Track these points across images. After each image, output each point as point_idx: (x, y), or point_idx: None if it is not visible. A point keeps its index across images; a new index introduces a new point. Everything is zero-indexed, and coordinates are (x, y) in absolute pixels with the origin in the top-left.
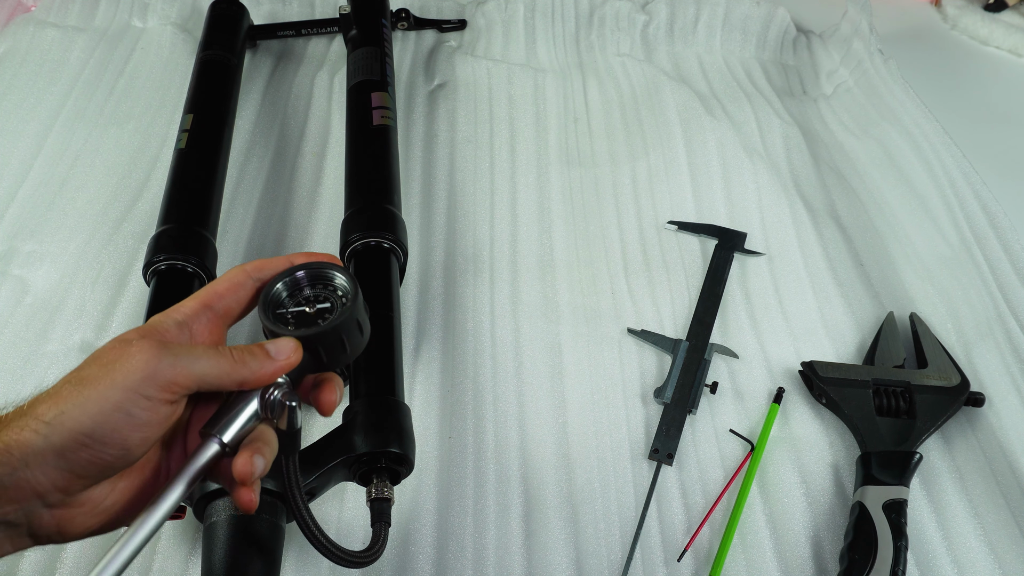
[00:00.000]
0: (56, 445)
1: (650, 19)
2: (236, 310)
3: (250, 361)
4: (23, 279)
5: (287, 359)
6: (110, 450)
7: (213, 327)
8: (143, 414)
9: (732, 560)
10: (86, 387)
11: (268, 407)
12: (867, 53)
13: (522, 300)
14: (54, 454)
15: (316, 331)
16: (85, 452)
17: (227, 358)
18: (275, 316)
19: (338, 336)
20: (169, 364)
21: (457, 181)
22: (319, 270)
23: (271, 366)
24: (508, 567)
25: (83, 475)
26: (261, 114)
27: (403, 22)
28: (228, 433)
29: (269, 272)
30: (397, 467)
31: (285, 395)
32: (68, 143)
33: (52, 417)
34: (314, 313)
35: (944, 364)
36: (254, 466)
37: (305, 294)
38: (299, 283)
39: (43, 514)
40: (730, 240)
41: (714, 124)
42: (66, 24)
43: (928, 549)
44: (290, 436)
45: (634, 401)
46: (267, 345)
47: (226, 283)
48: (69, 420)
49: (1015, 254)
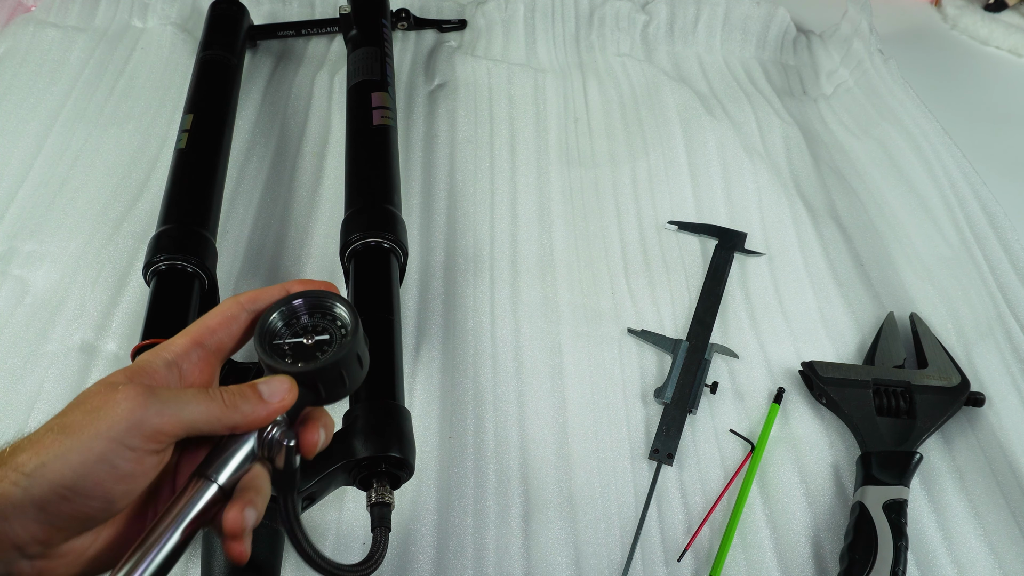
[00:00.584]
0: (36, 498)
1: (650, 19)
2: (229, 345)
3: (242, 405)
4: (23, 279)
5: (280, 402)
6: (92, 503)
7: (204, 365)
8: (127, 466)
9: (732, 560)
10: (69, 436)
11: (265, 446)
12: (867, 53)
13: (522, 300)
14: (34, 507)
15: (314, 367)
16: (66, 505)
17: (218, 402)
18: (271, 348)
19: (338, 371)
20: (156, 412)
21: (457, 181)
22: (317, 299)
23: (264, 410)
24: (508, 567)
25: (64, 528)
26: (261, 114)
27: (403, 22)
28: (224, 475)
29: (264, 303)
30: (397, 472)
31: (283, 434)
32: (68, 143)
33: (32, 468)
34: (312, 345)
35: (944, 364)
36: (245, 520)
37: (303, 324)
38: (296, 312)
39: (23, 566)
40: (730, 240)
41: (714, 124)
42: (66, 24)
43: (928, 549)
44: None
45: (634, 401)
46: (260, 386)
47: (219, 317)
48: (50, 472)
49: (1015, 254)
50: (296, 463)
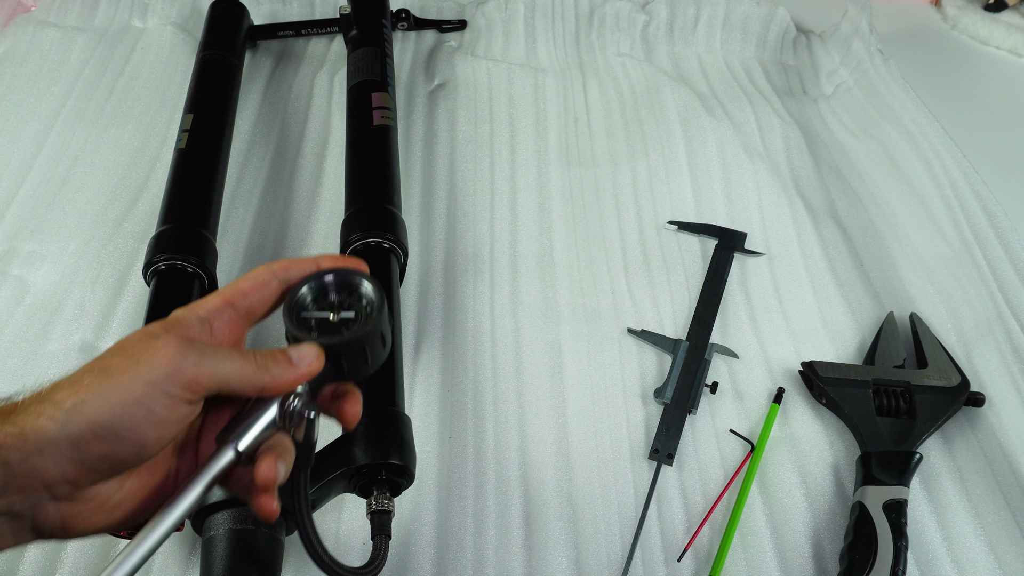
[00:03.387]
0: (72, 435)
1: (650, 19)
2: (259, 310)
3: (272, 367)
4: (23, 279)
5: (309, 367)
6: (125, 445)
7: (234, 326)
8: (162, 411)
9: (732, 560)
10: (109, 377)
11: (287, 416)
12: (867, 53)
13: (522, 300)
14: (69, 444)
15: (339, 340)
16: (100, 445)
17: (251, 362)
18: (298, 320)
19: (361, 347)
20: (193, 362)
21: (457, 181)
22: (347, 276)
23: (293, 373)
24: (508, 567)
25: (94, 469)
26: (261, 114)
27: (403, 22)
28: (244, 440)
29: (295, 273)
30: (398, 479)
31: (305, 405)
32: (68, 143)
33: (71, 405)
34: (337, 321)
35: (944, 364)
36: (277, 471)
37: (330, 300)
38: (325, 288)
39: (49, 507)
40: (730, 240)
41: (714, 124)
42: (66, 24)
43: (928, 549)
44: (305, 448)
45: (634, 401)
46: (290, 351)
47: (251, 281)
48: (88, 410)
49: (1015, 254)
50: (315, 438)
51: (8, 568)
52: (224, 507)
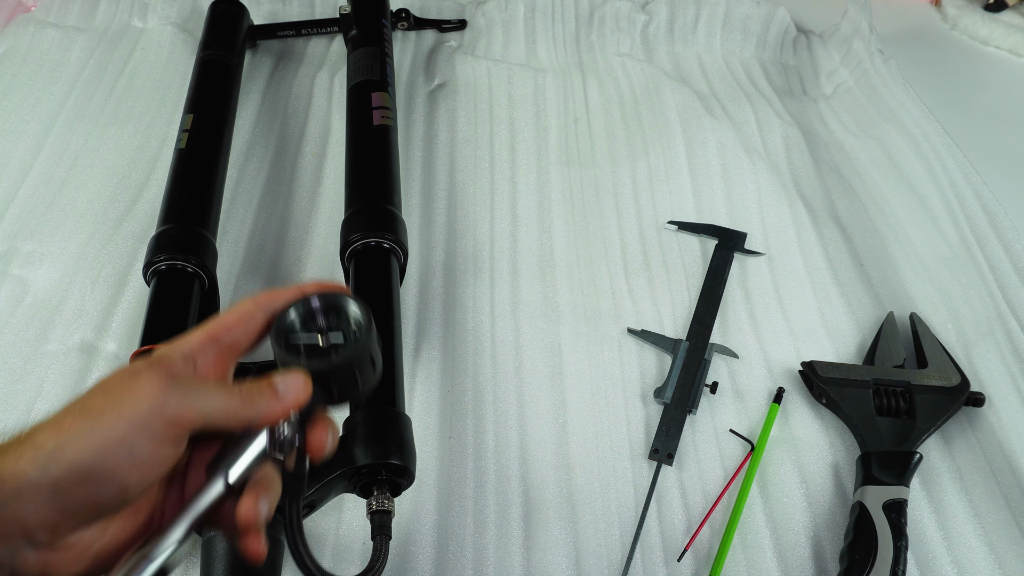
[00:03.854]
0: (53, 479)
1: (650, 19)
2: (244, 343)
3: (258, 400)
4: (23, 279)
5: (295, 398)
6: (107, 488)
7: (219, 361)
8: (145, 453)
9: (732, 560)
10: (90, 418)
11: (277, 445)
12: (867, 53)
13: (522, 300)
14: (49, 488)
15: (328, 365)
16: (81, 489)
17: (236, 396)
18: (287, 345)
19: (351, 371)
20: (177, 400)
21: (457, 181)
22: (334, 299)
23: (279, 406)
24: (508, 567)
25: (75, 514)
26: (261, 114)
27: (403, 22)
28: (234, 472)
29: (280, 303)
30: (398, 479)
31: (294, 432)
32: (68, 143)
33: (52, 448)
34: (326, 345)
35: (944, 364)
36: (259, 510)
37: (318, 324)
38: (312, 312)
39: (28, 556)
40: (730, 240)
41: (714, 124)
42: (66, 24)
43: (928, 549)
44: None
45: (634, 401)
46: (276, 382)
47: (235, 315)
48: (69, 452)
49: (1015, 254)
50: (306, 466)
51: None
52: None
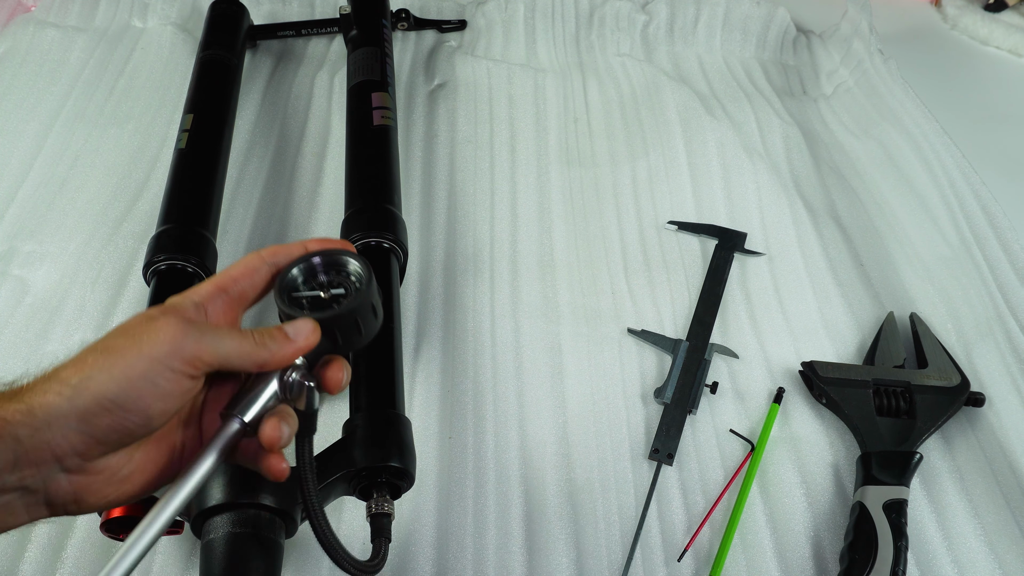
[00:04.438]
0: (80, 408)
1: (650, 19)
2: (251, 294)
3: (270, 343)
4: (23, 279)
5: (306, 340)
6: (132, 417)
7: (228, 310)
8: (167, 385)
9: (732, 560)
10: (112, 355)
11: (287, 388)
12: (867, 53)
13: (522, 300)
14: (77, 417)
15: (332, 313)
16: (108, 417)
17: (248, 339)
18: (290, 300)
19: (353, 319)
20: (194, 340)
21: (457, 181)
22: (334, 256)
23: (290, 347)
24: (508, 567)
25: (103, 440)
26: (261, 114)
27: (403, 22)
28: (249, 413)
29: (284, 258)
30: (398, 482)
31: (304, 376)
32: (68, 143)
33: (77, 381)
34: (328, 298)
35: (944, 364)
36: (281, 431)
37: (320, 279)
38: (314, 269)
39: (61, 480)
40: (730, 240)
41: (714, 124)
42: (66, 24)
43: (928, 549)
44: (307, 417)
45: (634, 401)
46: (286, 327)
47: (241, 268)
48: (94, 384)
49: (1015, 254)
50: (316, 405)
51: (8, 567)
52: (223, 510)
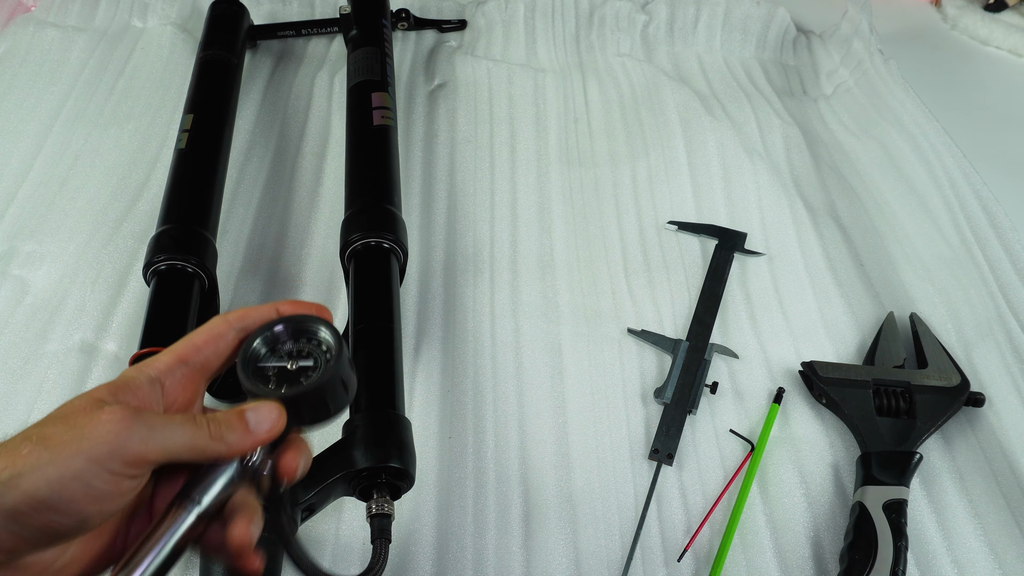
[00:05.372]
0: (8, 507)
1: (650, 19)
2: (215, 363)
3: (227, 435)
4: (23, 279)
5: (268, 432)
6: (65, 519)
7: (188, 383)
8: (104, 487)
9: (732, 560)
10: (47, 449)
11: (248, 472)
12: (867, 53)
13: (522, 300)
14: (5, 515)
15: (297, 392)
16: (37, 518)
17: (203, 431)
18: (254, 372)
19: (321, 396)
20: (140, 438)
21: (457, 181)
22: (301, 324)
23: (250, 440)
24: (508, 567)
25: (32, 539)
26: (261, 114)
27: (403, 22)
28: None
29: (253, 321)
30: (398, 482)
31: (264, 460)
32: (68, 143)
33: (7, 478)
34: (295, 370)
35: (944, 364)
36: (252, 534)
37: (287, 349)
38: (279, 338)
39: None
40: (730, 240)
41: (714, 124)
42: (66, 24)
43: (928, 549)
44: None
45: (634, 401)
46: (248, 414)
47: (206, 334)
48: (25, 483)
49: (1015, 254)
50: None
51: None
52: None
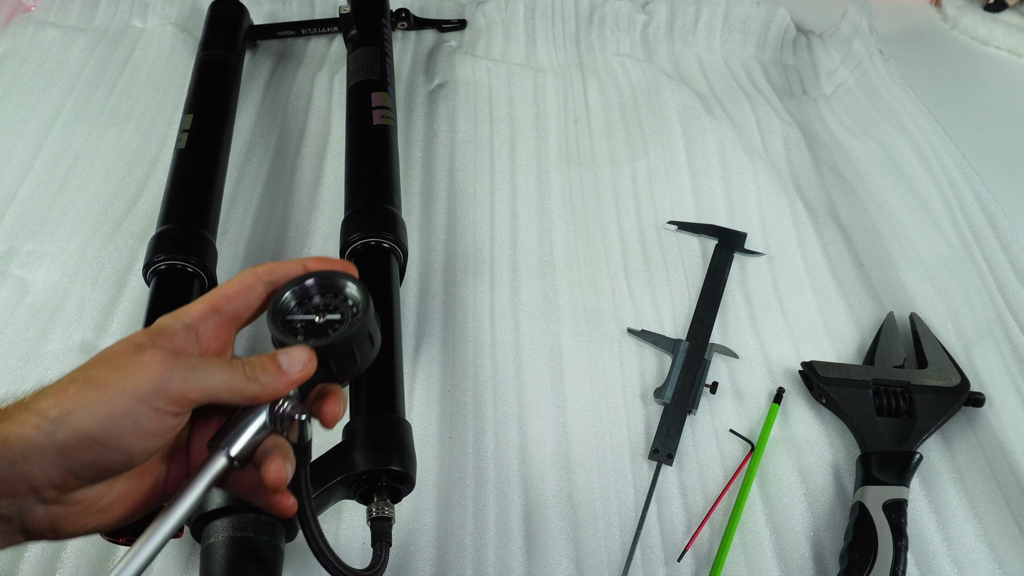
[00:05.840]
0: (59, 443)
1: (650, 19)
2: (245, 314)
3: (262, 376)
4: (23, 279)
5: (300, 372)
6: (113, 454)
7: (220, 331)
8: (150, 423)
9: (732, 560)
10: (94, 389)
11: (277, 420)
12: (867, 53)
13: (522, 300)
14: (55, 452)
15: (327, 342)
16: (87, 453)
17: (239, 373)
18: (284, 324)
19: (349, 348)
20: (181, 377)
21: (457, 181)
22: (330, 279)
23: (283, 380)
24: (508, 567)
25: (81, 475)
26: (261, 114)
27: (403, 22)
28: (236, 447)
29: (281, 276)
30: (398, 485)
31: (295, 408)
32: (68, 143)
33: (57, 415)
34: (323, 323)
35: (944, 364)
36: (286, 471)
37: (315, 303)
38: (309, 292)
39: (37, 510)
40: (730, 240)
41: (714, 124)
42: (66, 24)
43: (928, 549)
44: (301, 448)
45: (634, 401)
46: (280, 357)
47: (236, 286)
48: (75, 420)
49: (1015, 254)
50: (308, 436)
51: (8, 569)
52: (223, 514)
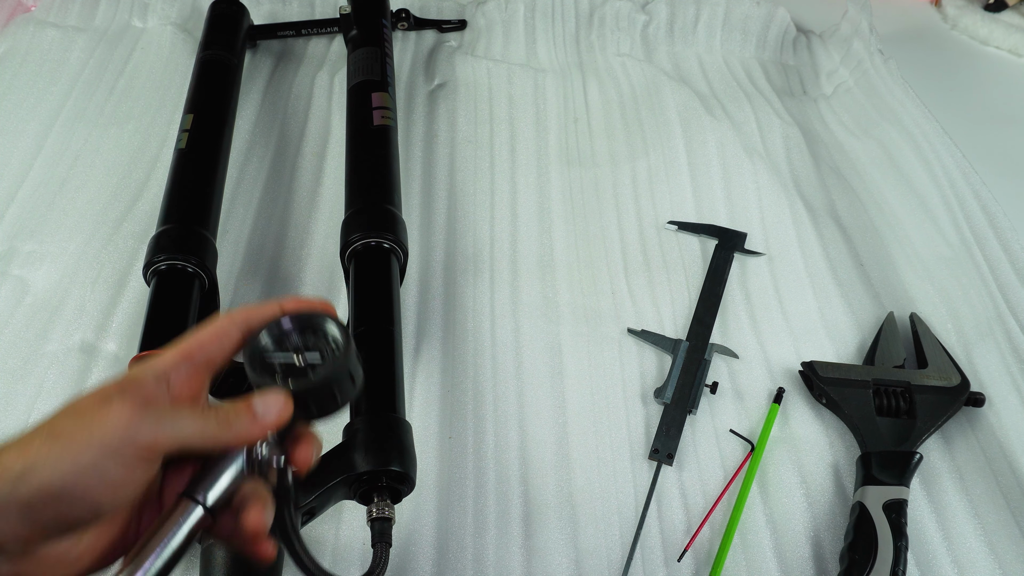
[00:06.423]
0: (22, 499)
1: (650, 19)
2: (219, 360)
3: (235, 423)
4: (23, 279)
5: (276, 418)
6: (79, 508)
7: (193, 378)
8: (118, 475)
9: (732, 560)
10: (58, 442)
11: (255, 465)
12: (867, 53)
13: (522, 300)
14: (19, 507)
15: (306, 384)
16: (52, 508)
17: (211, 420)
18: (261, 366)
19: (329, 389)
20: (150, 427)
21: (457, 181)
22: (308, 318)
23: (258, 427)
24: (508, 567)
25: (47, 529)
26: (261, 114)
27: (403, 22)
28: (212, 495)
29: (257, 319)
30: (398, 486)
31: (272, 452)
32: (68, 143)
33: (20, 470)
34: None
35: (944, 364)
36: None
37: (293, 343)
38: (286, 332)
39: (1, 566)
40: (730, 240)
41: (714, 124)
42: (66, 24)
43: (928, 549)
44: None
45: (634, 401)
46: (254, 403)
47: (210, 332)
48: (38, 476)
49: (1015, 254)
50: (290, 479)
51: None
52: None
